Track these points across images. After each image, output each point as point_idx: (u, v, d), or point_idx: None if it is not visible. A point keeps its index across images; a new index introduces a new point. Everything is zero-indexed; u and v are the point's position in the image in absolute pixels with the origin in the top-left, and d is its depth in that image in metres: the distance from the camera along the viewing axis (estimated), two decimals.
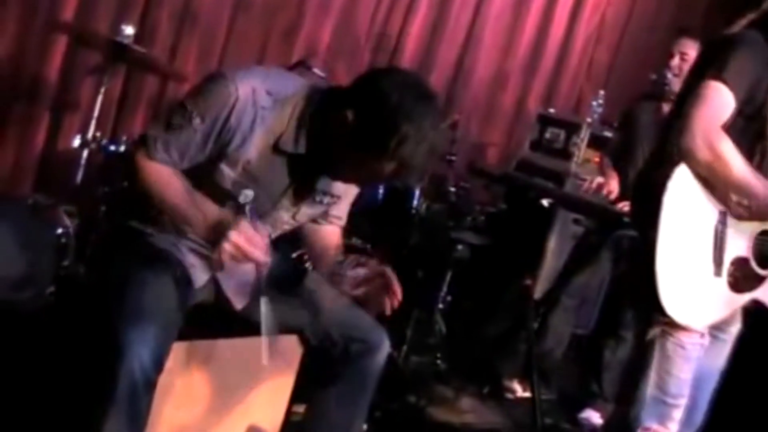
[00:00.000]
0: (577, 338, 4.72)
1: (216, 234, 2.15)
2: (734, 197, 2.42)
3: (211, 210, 2.26)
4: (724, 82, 2.34)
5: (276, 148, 2.29)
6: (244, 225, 2.15)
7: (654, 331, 2.50)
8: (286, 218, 2.47)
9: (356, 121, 2.15)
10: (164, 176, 2.30)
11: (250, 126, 2.24)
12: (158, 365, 2.15)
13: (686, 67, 3.97)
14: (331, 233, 2.68)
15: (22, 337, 3.30)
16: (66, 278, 3.59)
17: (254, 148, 2.27)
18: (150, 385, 2.15)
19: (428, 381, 4.20)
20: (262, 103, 2.24)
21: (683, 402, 2.54)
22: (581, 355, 4.69)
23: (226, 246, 2.11)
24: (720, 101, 2.35)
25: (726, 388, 2.79)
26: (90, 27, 4.47)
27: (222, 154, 2.27)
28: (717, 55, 2.41)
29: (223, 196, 2.33)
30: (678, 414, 2.54)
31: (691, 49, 4.05)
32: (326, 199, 2.48)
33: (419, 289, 4.54)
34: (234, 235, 2.11)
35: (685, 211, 2.40)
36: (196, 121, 2.23)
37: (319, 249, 2.63)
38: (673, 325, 2.46)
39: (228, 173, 2.29)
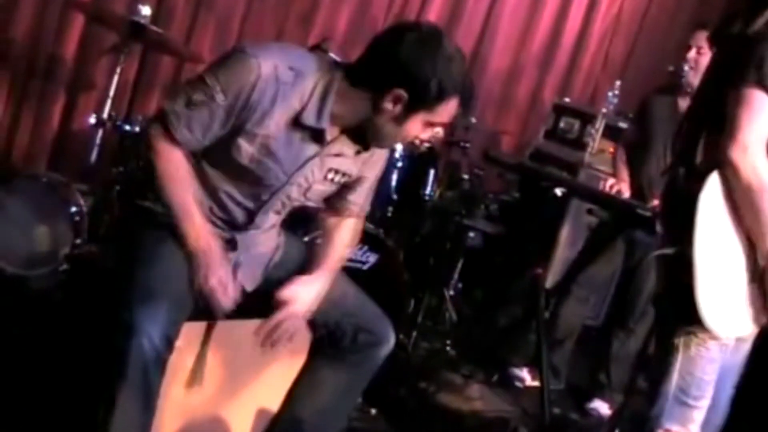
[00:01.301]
0: (587, 329, 4.71)
1: (199, 260, 2.27)
2: (758, 225, 2.38)
3: (203, 233, 2.30)
4: (766, 89, 2.30)
5: (296, 122, 2.30)
6: (225, 272, 2.30)
7: (680, 339, 2.47)
8: (296, 195, 2.44)
9: (410, 91, 2.24)
10: (177, 171, 2.31)
11: (271, 101, 2.25)
12: (168, 344, 2.15)
13: (702, 60, 3.93)
14: (347, 227, 2.64)
15: (34, 313, 3.32)
16: (79, 257, 3.61)
17: (273, 123, 2.27)
18: (161, 364, 2.15)
19: (437, 368, 4.20)
20: (284, 78, 2.25)
21: (705, 404, 2.49)
22: (590, 346, 4.68)
23: (203, 279, 2.25)
24: (766, 111, 2.30)
25: (746, 387, 2.76)
26: (107, 6, 4.47)
27: (241, 129, 2.27)
28: (748, 58, 2.34)
29: (238, 175, 2.34)
30: (699, 416, 2.50)
31: (708, 43, 4.01)
32: (337, 177, 2.46)
33: (430, 276, 4.55)
34: (213, 277, 2.26)
35: (720, 222, 2.35)
36: (219, 96, 2.23)
37: (333, 244, 2.60)
38: (700, 331, 2.43)
39: (246, 148, 2.29)
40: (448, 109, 2.31)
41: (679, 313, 2.42)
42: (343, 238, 2.62)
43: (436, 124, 2.38)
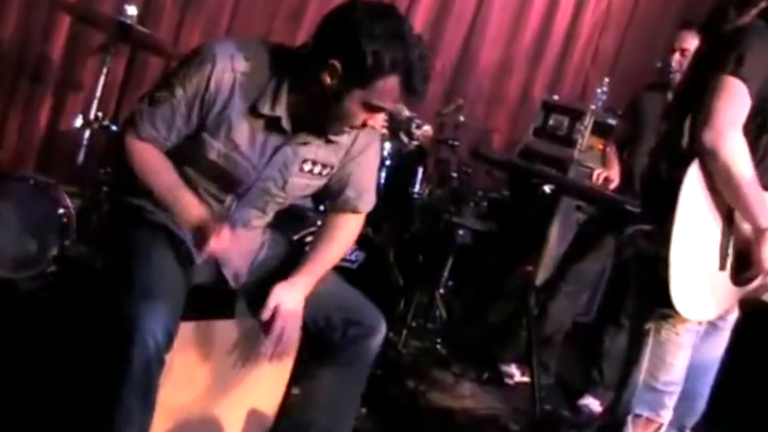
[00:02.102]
0: (578, 326, 4.71)
1: (198, 234, 2.24)
2: (739, 207, 2.41)
3: (195, 209, 2.29)
4: (743, 78, 2.31)
5: (254, 111, 2.30)
6: (224, 232, 2.22)
7: (651, 323, 2.49)
8: (275, 190, 2.44)
9: (345, 64, 2.16)
10: (152, 162, 2.32)
11: (229, 91, 2.26)
12: (170, 340, 2.16)
13: (686, 62, 3.93)
14: (345, 226, 2.61)
15: (22, 315, 3.31)
16: (67, 258, 3.60)
17: (234, 114, 2.28)
18: (162, 361, 2.16)
19: (428, 366, 4.20)
20: (240, 68, 2.26)
21: (676, 389, 2.52)
22: (582, 343, 4.69)
23: (207, 251, 2.22)
24: (741, 98, 2.31)
25: (726, 376, 2.78)
26: (94, 7, 4.45)
27: (205, 123, 2.29)
28: (730, 48, 2.37)
29: (211, 171, 2.35)
30: (671, 401, 2.52)
31: (690, 44, 4.01)
32: (316, 169, 2.45)
33: (420, 275, 4.55)
34: (214, 242, 2.20)
35: (699, 208, 2.38)
36: (179, 92, 2.26)
37: (326, 241, 2.58)
38: (671, 316, 2.45)
39: (212, 143, 2.30)
40: (387, 91, 2.18)
41: (652, 294, 2.44)
42: (339, 236, 2.59)
43: (376, 108, 2.24)
